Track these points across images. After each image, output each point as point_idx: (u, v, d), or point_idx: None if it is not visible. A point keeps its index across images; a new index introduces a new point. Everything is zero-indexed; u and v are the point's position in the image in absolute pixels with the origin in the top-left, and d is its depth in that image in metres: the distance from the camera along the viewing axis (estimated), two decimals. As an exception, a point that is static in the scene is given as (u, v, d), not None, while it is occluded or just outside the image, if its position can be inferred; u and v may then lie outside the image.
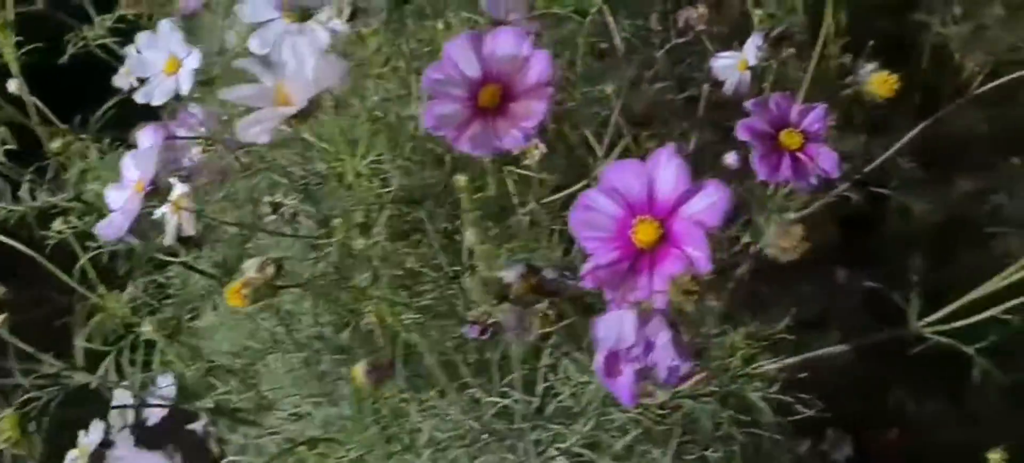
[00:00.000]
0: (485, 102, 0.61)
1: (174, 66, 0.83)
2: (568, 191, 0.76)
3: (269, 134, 0.53)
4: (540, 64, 0.60)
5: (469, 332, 0.68)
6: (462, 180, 0.67)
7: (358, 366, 0.60)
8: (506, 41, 0.61)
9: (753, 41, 1.03)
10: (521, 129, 0.59)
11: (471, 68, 0.62)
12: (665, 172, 0.57)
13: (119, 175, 0.71)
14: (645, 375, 0.57)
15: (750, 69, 1.03)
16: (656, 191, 0.57)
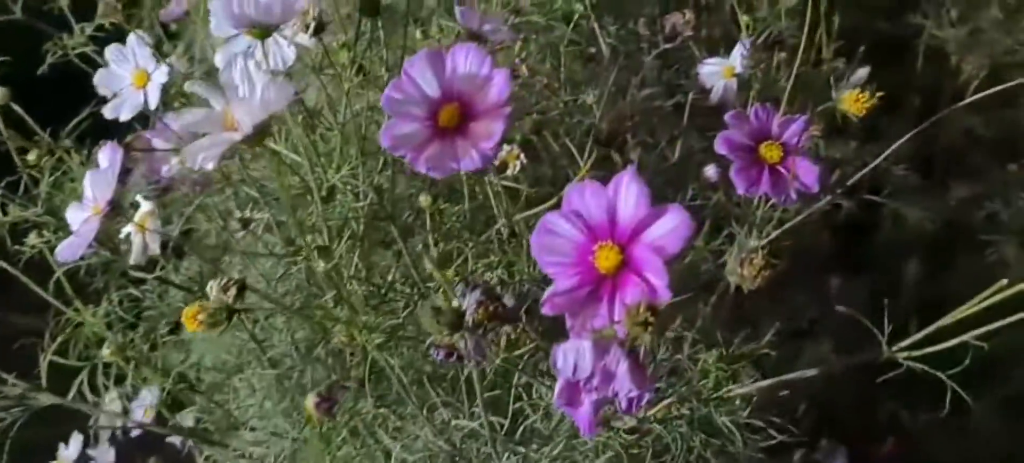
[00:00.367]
0: (444, 122, 0.59)
1: (143, 80, 0.81)
2: (544, 205, 0.74)
3: (216, 160, 0.51)
4: (500, 84, 0.58)
5: (436, 355, 0.66)
6: (426, 200, 0.65)
7: (309, 397, 0.59)
8: (466, 60, 0.59)
9: (739, 48, 1.00)
10: (480, 150, 0.57)
11: (431, 87, 0.60)
12: (626, 196, 0.55)
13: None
14: (605, 404, 0.55)
15: (736, 76, 1.01)
16: (617, 216, 0.55)
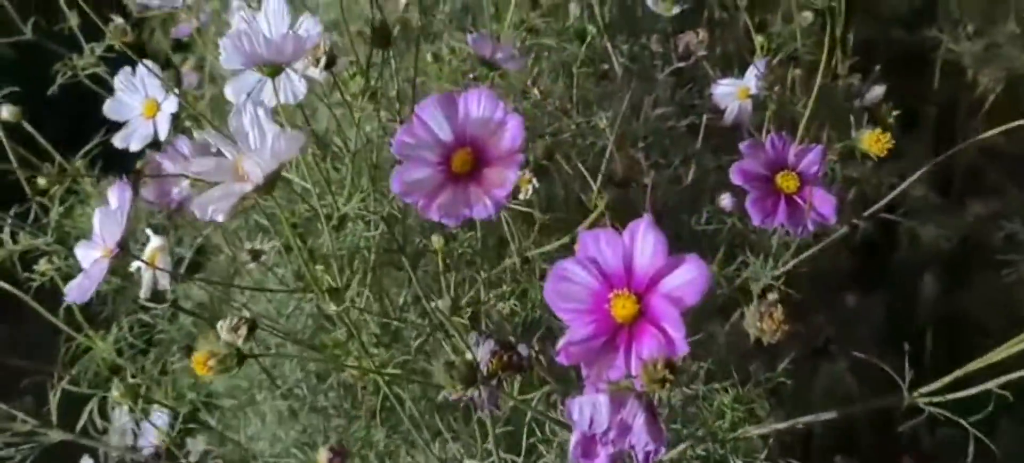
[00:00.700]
0: (458, 167, 0.58)
1: (152, 110, 0.81)
2: (557, 243, 0.73)
3: (227, 213, 0.51)
4: (514, 129, 0.57)
5: (448, 395, 0.66)
6: (439, 241, 0.65)
7: (322, 453, 0.58)
8: (479, 104, 0.58)
9: (754, 69, 0.99)
10: (493, 197, 0.56)
11: (443, 131, 0.59)
12: (643, 245, 0.54)
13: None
14: (621, 458, 0.55)
15: (751, 97, 1.00)
16: (634, 264, 0.54)
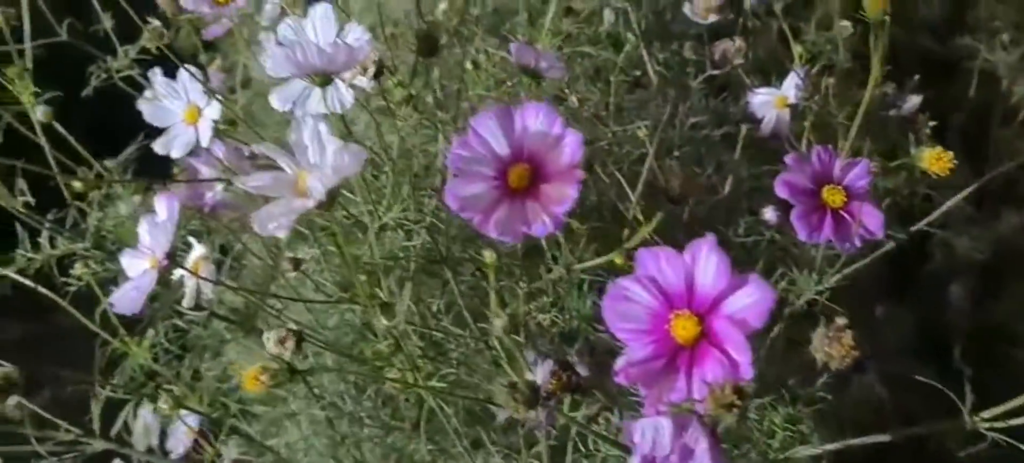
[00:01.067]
0: (515, 183, 0.57)
1: (194, 116, 0.80)
2: (600, 259, 0.73)
3: (287, 229, 0.50)
4: (572, 145, 0.57)
5: (499, 413, 0.65)
6: (491, 257, 0.64)
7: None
8: (537, 118, 0.58)
9: (792, 78, 0.98)
10: (552, 214, 0.56)
11: (499, 144, 0.58)
12: (705, 266, 0.53)
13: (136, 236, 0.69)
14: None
15: (789, 106, 0.99)
16: (695, 284, 0.54)
